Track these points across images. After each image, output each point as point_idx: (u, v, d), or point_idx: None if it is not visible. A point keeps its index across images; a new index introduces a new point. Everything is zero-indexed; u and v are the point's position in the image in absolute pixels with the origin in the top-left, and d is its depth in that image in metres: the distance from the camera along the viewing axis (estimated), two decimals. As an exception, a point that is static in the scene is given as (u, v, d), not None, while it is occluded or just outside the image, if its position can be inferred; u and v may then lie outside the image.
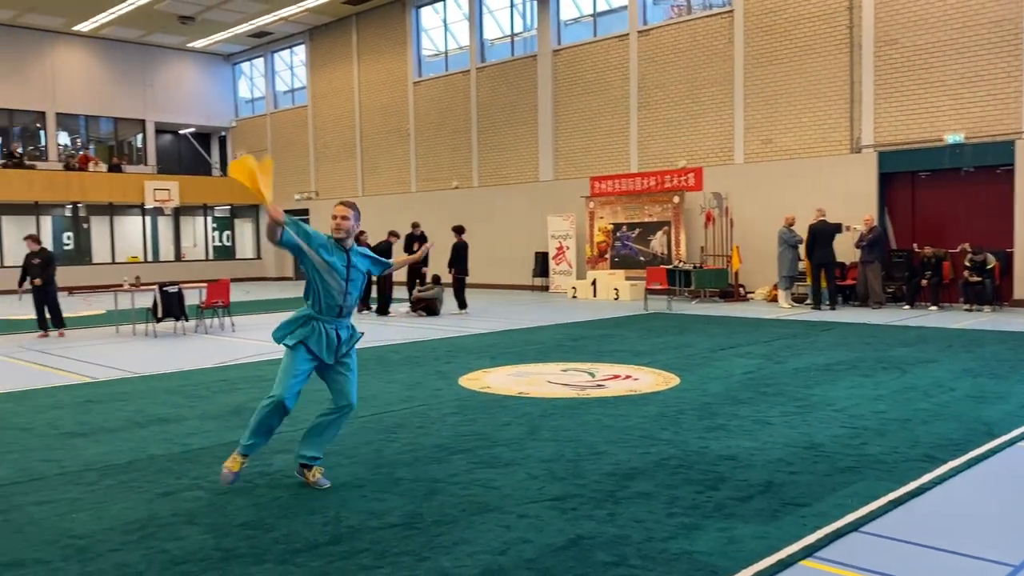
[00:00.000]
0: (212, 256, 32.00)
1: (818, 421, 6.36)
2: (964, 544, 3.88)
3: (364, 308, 16.73)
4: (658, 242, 19.44)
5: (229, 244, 32.89)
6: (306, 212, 30.36)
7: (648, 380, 8.30)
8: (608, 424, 6.38)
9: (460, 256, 16.35)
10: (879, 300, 15.36)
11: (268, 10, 26.56)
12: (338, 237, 4.82)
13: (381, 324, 14.64)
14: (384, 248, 16.19)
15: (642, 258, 19.64)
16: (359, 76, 27.73)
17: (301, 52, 30.36)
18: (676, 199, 19.08)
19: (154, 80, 31.17)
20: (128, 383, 8.89)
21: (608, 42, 20.88)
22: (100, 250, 29.25)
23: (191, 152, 34.13)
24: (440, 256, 17.23)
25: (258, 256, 32.99)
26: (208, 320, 14.55)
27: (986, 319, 13.34)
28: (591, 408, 7.00)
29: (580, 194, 21.20)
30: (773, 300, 16.93)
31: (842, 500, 4.48)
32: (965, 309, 14.62)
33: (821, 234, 15.44)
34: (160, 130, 32.34)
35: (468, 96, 24.25)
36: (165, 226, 31.29)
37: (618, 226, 20.21)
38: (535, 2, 22.51)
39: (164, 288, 13.67)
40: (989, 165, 15.17)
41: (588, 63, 21.29)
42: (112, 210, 29.34)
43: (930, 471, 5.00)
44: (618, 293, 18.74)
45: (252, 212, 32.91)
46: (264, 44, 31.10)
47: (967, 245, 14.76)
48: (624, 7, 20.61)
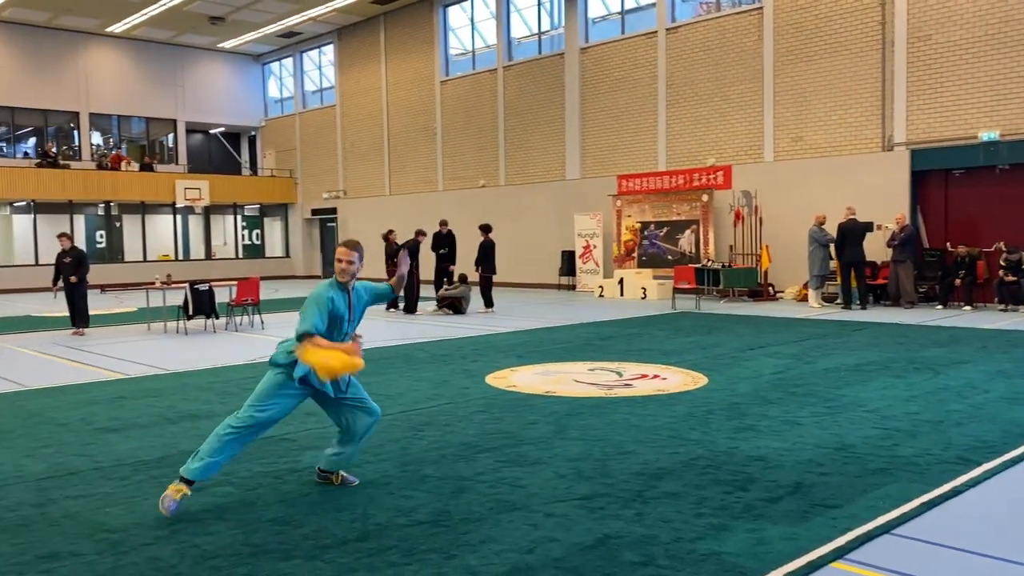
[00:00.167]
0: (242, 254, 32.32)
1: (849, 422, 6.29)
2: (998, 548, 3.82)
3: (392, 307, 16.81)
4: (686, 241, 19.33)
5: (258, 243, 33.19)
6: (334, 211, 30.59)
7: (676, 380, 8.26)
8: (636, 424, 6.35)
9: (487, 255, 16.37)
10: (911, 300, 15.16)
11: (297, 10, 26.76)
12: (343, 281, 4.67)
13: (408, 322, 14.71)
14: (412, 247, 16.24)
15: (670, 257, 19.54)
16: (387, 75, 27.86)
17: (329, 52, 30.56)
18: (705, 197, 18.96)
19: (185, 80, 31.53)
20: (159, 380, 9.01)
21: (636, 40, 20.79)
22: (132, 248, 29.65)
23: (221, 151, 34.52)
24: (468, 255, 17.27)
25: (287, 254, 33.27)
26: (238, 318, 14.71)
27: (1021, 319, 13.11)
28: (618, 407, 6.97)
29: (607, 192, 21.13)
30: (803, 300, 16.77)
31: (873, 502, 4.42)
32: (1000, 309, 14.39)
33: (851, 233, 15.26)
34: (191, 130, 32.73)
35: (495, 95, 24.27)
36: (196, 225, 31.66)
37: (646, 225, 20.13)
38: (562, 0, 22.47)
39: (195, 286, 13.82)
40: (1025, 163, 14.92)
41: (616, 61, 21.22)
42: (144, 209, 29.73)
43: (964, 473, 4.92)
44: (645, 292, 18.66)
45: (281, 211, 33.21)
46: (293, 44, 31.34)
47: (1002, 244, 14.53)
48: (652, 4, 20.51)
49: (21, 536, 4.15)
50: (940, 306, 15.04)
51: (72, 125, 29.70)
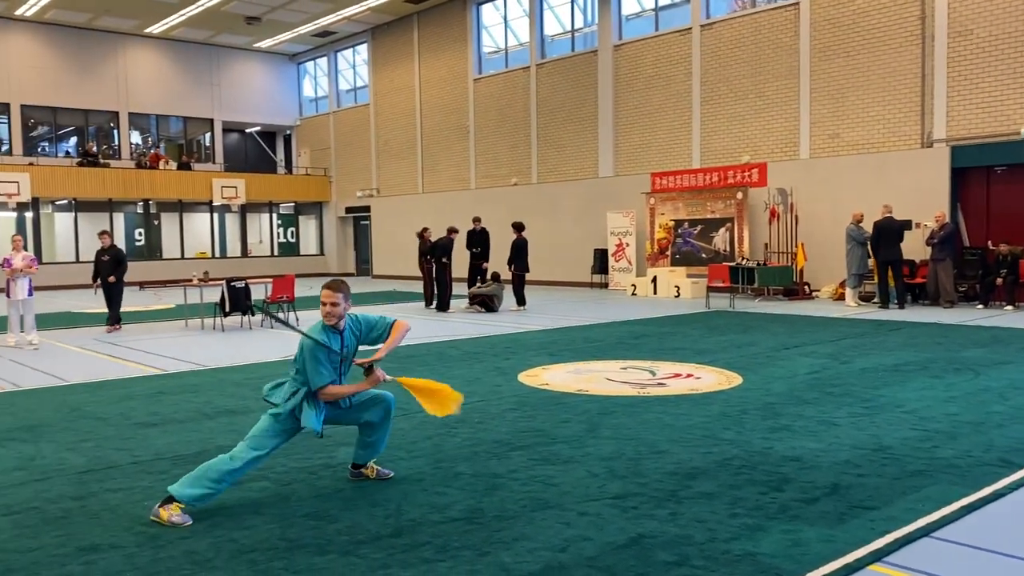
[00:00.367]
0: (277, 252, 32.66)
1: (886, 423, 6.20)
2: (1042, 552, 3.74)
3: (429, 305, 16.90)
4: (720, 239, 19.17)
5: (293, 240, 33.53)
6: (367, 209, 30.79)
7: (710, 379, 8.20)
8: (669, 423, 6.32)
9: (520, 253, 16.37)
10: (951, 299, 14.89)
11: (332, 10, 26.97)
12: (331, 323, 4.63)
13: (440, 320, 14.76)
14: (445, 245, 16.31)
15: (704, 255, 19.39)
16: (420, 74, 27.97)
17: (363, 51, 30.76)
18: (739, 195, 18.78)
19: (221, 80, 31.93)
20: (197, 375, 9.14)
21: (670, 36, 20.65)
22: (170, 246, 30.11)
23: (257, 150, 34.90)
24: (500, 253, 17.29)
25: (321, 252, 33.56)
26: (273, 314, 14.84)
27: (1065, 319, 12.83)
28: (652, 406, 6.94)
29: (640, 190, 21.02)
30: (839, 298, 16.56)
31: (912, 504, 4.35)
32: (1043, 309, 14.10)
33: (886, 231, 15.02)
34: (227, 129, 33.14)
35: (528, 92, 24.25)
36: (232, 223, 32.06)
37: (679, 223, 20.00)
38: (596, -3, 22.41)
39: (231, 283, 13.99)
40: (1070, 159, 14.60)
41: (649, 58, 21.10)
42: (181, 207, 30.17)
43: (1006, 476, 4.82)
44: (679, 291, 18.54)
45: (315, 209, 33.51)
46: (327, 44, 31.59)
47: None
48: (687, 1, 20.36)
49: (63, 528, 4.23)
50: (981, 306, 14.76)
51: (112, 124, 30.21)
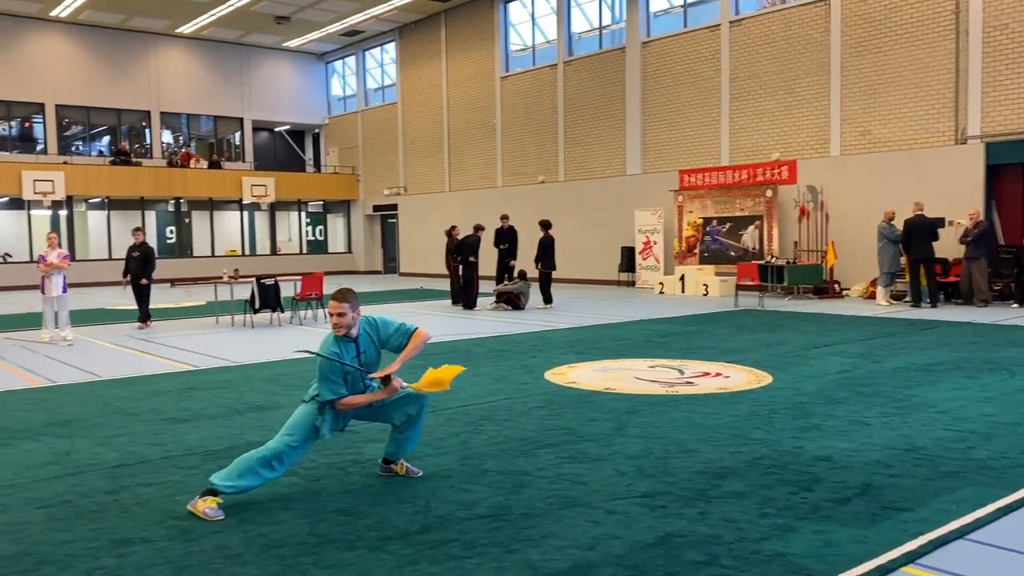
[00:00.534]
0: (306, 250, 32.91)
1: (919, 423, 6.11)
2: (1081, 556, 3.67)
3: (456, 303, 16.95)
4: (749, 237, 19.01)
5: (321, 238, 33.77)
6: (395, 208, 30.91)
7: (739, 378, 8.13)
8: (698, 422, 6.28)
9: (546, 251, 16.35)
10: (985, 298, 14.64)
11: (360, 9, 27.10)
12: (341, 334, 4.63)
13: (467, 317, 14.78)
14: (472, 243, 16.33)
15: (733, 253, 19.25)
16: (447, 72, 28.02)
17: (391, 50, 30.88)
18: (769, 192, 18.61)
19: (251, 79, 32.22)
20: (227, 371, 9.22)
21: (699, 33, 20.51)
22: (200, 243, 30.46)
23: (286, 149, 35.18)
24: (527, 250, 17.28)
25: (349, 250, 33.76)
26: (303, 312, 14.97)
27: (1104, 319, 12.58)
28: (680, 405, 6.90)
29: (668, 188, 20.90)
30: (870, 297, 16.36)
31: (946, 505, 4.29)
32: (1080, 308, 13.82)
33: (917, 229, 14.80)
34: (257, 128, 33.44)
35: (555, 90, 24.21)
36: (261, 221, 32.35)
37: (708, 220, 19.86)
38: (624, -6, 22.31)
39: (261, 280, 14.11)
40: (1109, 155, 14.29)
41: (678, 55, 20.97)
42: (212, 205, 30.50)
43: (1043, 478, 4.74)
44: (707, 289, 18.42)
45: (343, 208, 33.72)
46: (356, 43, 31.75)
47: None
48: (715, -3, 20.22)
49: (96, 521, 4.29)
50: (1016, 304, 14.51)
51: (144, 124, 30.60)
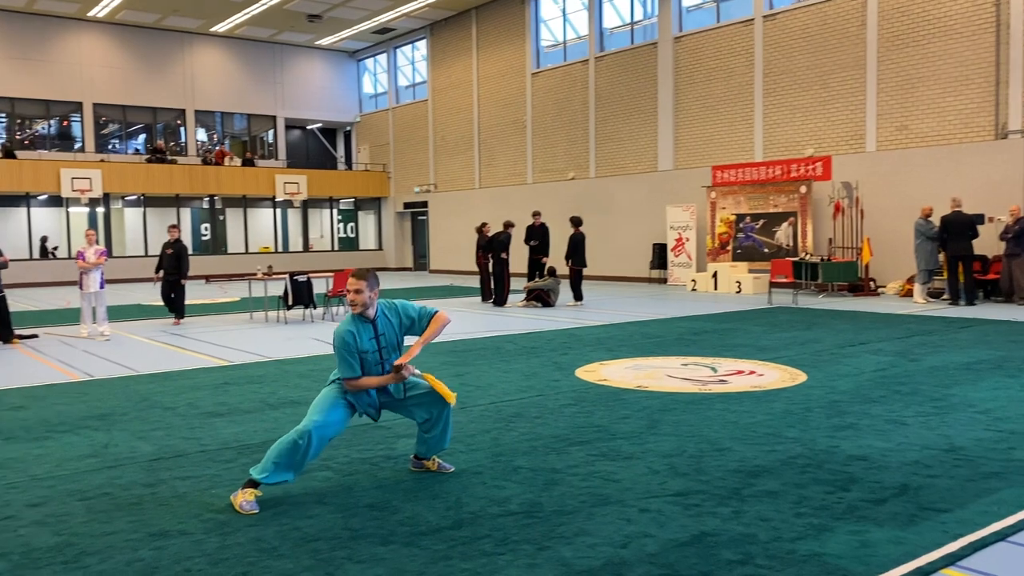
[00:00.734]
0: (337, 247, 33.15)
1: (958, 423, 6.00)
2: None
3: (486, 299, 16.97)
4: (783, 233, 18.82)
5: (353, 236, 33.99)
6: (425, 204, 31.02)
7: (773, 376, 8.05)
8: (732, 420, 6.22)
9: (577, 248, 16.30)
10: (1025, 296, 14.37)
11: (391, 6, 27.21)
12: (356, 312, 4.66)
13: (498, 315, 14.79)
14: (503, 240, 16.33)
15: (766, 250, 19.06)
16: (478, 69, 28.04)
17: (422, 47, 30.97)
18: (803, 189, 18.41)
19: (284, 77, 32.49)
20: (261, 367, 9.31)
21: (732, 28, 20.33)
22: (234, 240, 30.81)
23: (318, 147, 35.44)
24: (558, 247, 17.25)
25: (379, 247, 33.95)
26: (335, 308, 15.08)
27: None
28: (713, 403, 6.84)
29: (701, 184, 20.76)
30: (907, 295, 16.11)
31: (987, 507, 4.21)
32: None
33: (954, 225, 14.54)
34: (289, 125, 33.73)
35: (586, 86, 24.13)
36: (294, 218, 32.64)
37: (741, 217, 19.69)
38: (656, -11, 22.17)
39: (294, 277, 14.24)
40: None
41: (711, 50, 20.80)
42: (245, 202, 30.82)
43: (1087, 480, 4.63)
44: (740, 286, 18.26)
45: (374, 205, 33.91)
46: (387, 40, 31.89)
47: None
48: (749, -9, 20.02)
49: (134, 514, 4.36)
50: (1058, 303, 14.22)
51: (179, 122, 31.00)
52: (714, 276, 18.96)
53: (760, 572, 3.47)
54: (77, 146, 28.97)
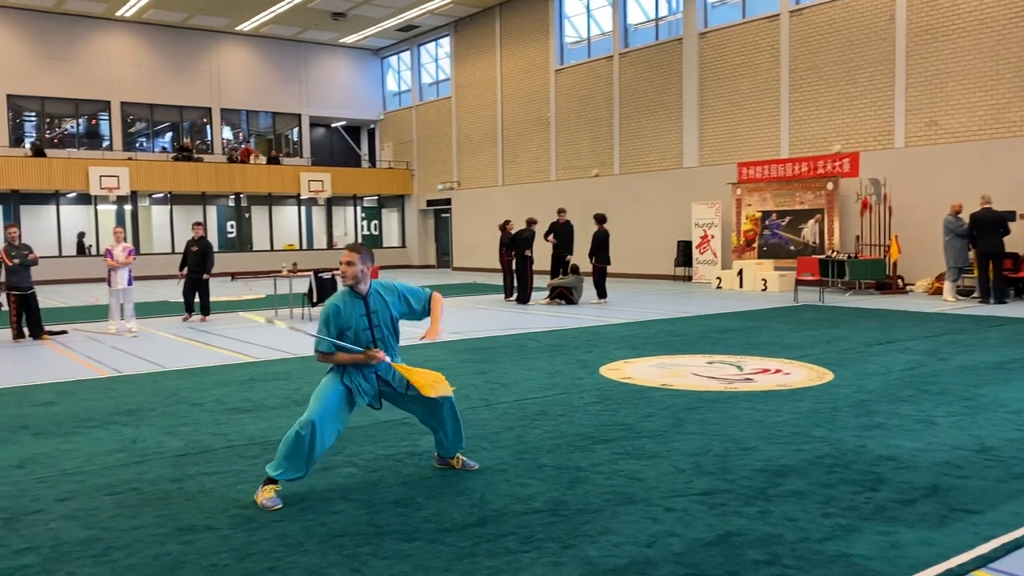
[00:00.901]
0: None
1: (989, 423, 5.91)
2: None
3: (508, 297, 16.97)
4: (810, 231, 18.64)
5: (376, 233, 34.12)
6: (448, 202, 31.06)
7: (800, 375, 7.98)
8: (758, 419, 6.17)
9: (601, 245, 16.25)
10: (1058, 294, 14.13)
11: (416, 3, 27.25)
12: (347, 284, 4.65)
13: (521, 312, 14.78)
14: (527, 237, 16.31)
15: (792, 247, 18.90)
16: (501, 66, 28.02)
17: (446, 44, 30.99)
18: (830, 185, 18.23)
19: (309, 75, 32.67)
20: (286, 363, 9.37)
21: (758, 23, 20.15)
22: (260, 238, 31.03)
23: (342, 144, 35.60)
24: (582, 245, 17.20)
25: (403, 244, 34.05)
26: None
27: None
28: (739, 402, 6.79)
29: (726, 181, 20.61)
30: (936, 293, 15.90)
31: (1019, 508, 4.14)
32: None
33: (983, 223, 14.31)
34: (314, 123, 33.90)
35: (610, 82, 24.04)
36: (318, 215, 32.83)
37: (767, 214, 19.53)
38: (681, -15, 22.03)
39: (319, 274, 14.31)
40: None
41: (736, 45, 20.64)
42: (271, 200, 31.04)
43: (1123, 482, 4.54)
44: (766, 284, 18.12)
45: (397, 202, 34.01)
46: (411, 38, 31.95)
47: None
48: (775, -14, 19.84)
49: (162, 509, 4.40)
50: (1091, 301, 13.98)
51: (205, 120, 31.26)
52: (739, 274, 18.83)
53: (787, 572, 3.44)
54: (105, 144, 29.30)
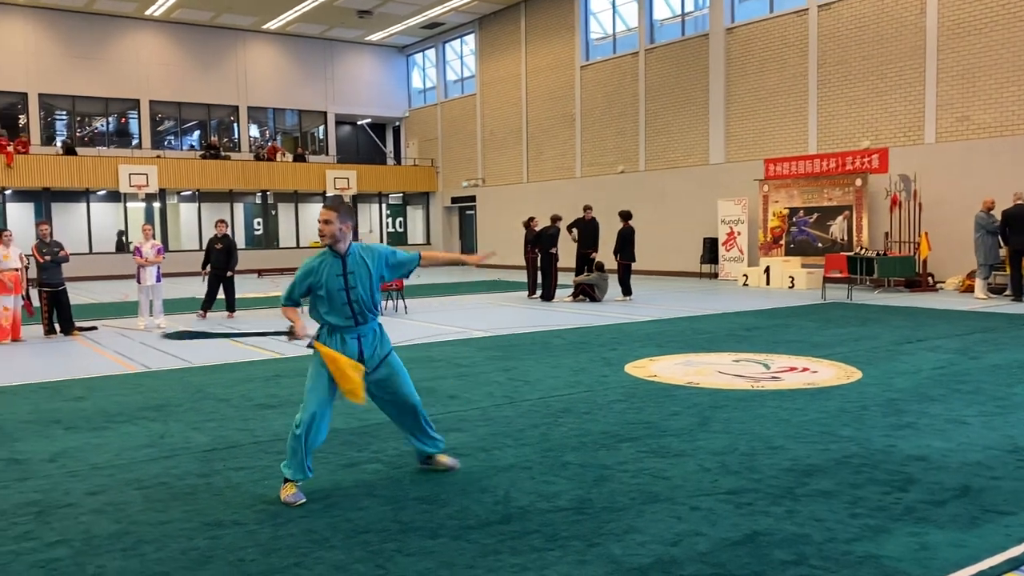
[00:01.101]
0: (386, 241, 33.38)
1: (1022, 423, 5.81)
2: None
3: (532, 294, 16.95)
4: (838, 227, 18.44)
5: (401, 230, 34.24)
6: (472, 199, 31.08)
7: (827, 373, 7.89)
8: (785, 418, 6.11)
9: (626, 242, 16.18)
10: (1093, 292, 13.87)
11: (440, 1, 27.28)
12: (325, 244, 4.57)
13: (546, 309, 14.76)
14: (552, 234, 16.28)
15: (820, 244, 18.70)
16: (526, 63, 27.98)
17: (471, 41, 31.00)
18: (858, 182, 18.01)
19: (334, 73, 32.82)
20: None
21: (786, 18, 19.95)
22: (286, 235, 31.26)
23: (367, 142, 35.75)
24: (607, 242, 17.13)
25: (427, 241, 34.12)
26: (383, 302, 15.19)
27: None
28: (766, 401, 6.73)
29: (753, 177, 20.44)
30: (967, 290, 15.67)
31: (1053, 511, 4.07)
32: None
33: (1017, 220, 14.08)
34: (340, 121, 34.07)
35: (636, 79, 23.92)
36: (344, 212, 32.91)
37: (794, 211, 19.34)
38: (707, -20, 21.87)
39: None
40: None
41: (763, 41, 20.45)
42: (297, 198, 31.24)
43: None
44: (793, 281, 17.95)
45: (422, 199, 34.09)
46: (436, 35, 32.00)
47: None
48: (803, -19, 19.62)
49: (189, 504, 4.44)
50: None
51: (232, 118, 31.52)
52: (766, 271, 18.68)
53: (814, 573, 3.40)
54: (134, 143, 29.64)
